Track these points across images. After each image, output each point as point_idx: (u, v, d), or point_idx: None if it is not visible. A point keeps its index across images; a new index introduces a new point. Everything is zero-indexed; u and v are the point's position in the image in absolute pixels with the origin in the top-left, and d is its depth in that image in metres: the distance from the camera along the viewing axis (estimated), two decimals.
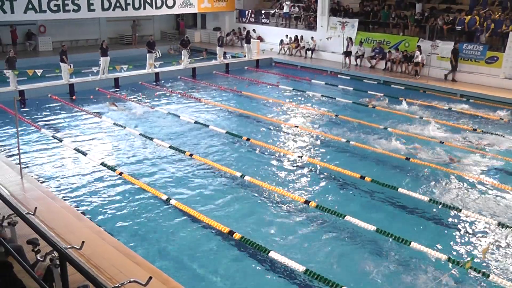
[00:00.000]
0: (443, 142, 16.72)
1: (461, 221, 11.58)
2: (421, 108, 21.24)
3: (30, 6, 27.60)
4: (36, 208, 8.84)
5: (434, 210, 12.02)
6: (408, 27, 28.79)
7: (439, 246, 10.37)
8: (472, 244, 10.65)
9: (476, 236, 11.00)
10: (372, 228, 10.76)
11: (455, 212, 11.87)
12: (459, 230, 11.25)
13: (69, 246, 7.27)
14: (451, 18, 26.96)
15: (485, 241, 10.73)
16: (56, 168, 14.12)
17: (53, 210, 10.57)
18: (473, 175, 14.10)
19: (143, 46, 29.80)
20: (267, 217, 11.54)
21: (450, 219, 11.66)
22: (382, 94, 23.09)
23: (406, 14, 29.32)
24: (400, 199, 12.49)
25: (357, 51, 29.33)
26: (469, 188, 13.34)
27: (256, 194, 12.71)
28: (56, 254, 6.62)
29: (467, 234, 11.06)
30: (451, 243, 10.69)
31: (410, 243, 10.20)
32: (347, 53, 29.17)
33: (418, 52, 26.25)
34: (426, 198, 12.32)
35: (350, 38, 29.37)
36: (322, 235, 10.83)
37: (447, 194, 12.91)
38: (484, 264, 9.85)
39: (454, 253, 10.26)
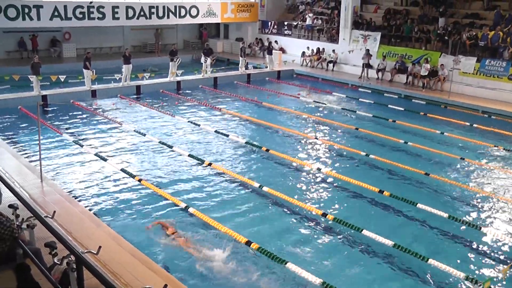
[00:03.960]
0: (464, 159, 16.52)
1: (481, 239, 11.39)
2: (441, 123, 21.04)
3: (56, 13, 28.05)
4: (54, 211, 8.90)
5: (453, 226, 11.83)
6: (431, 42, 28.61)
7: (457, 264, 10.19)
8: (492, 263, 10.46)
9: (496, 255, 10.80)
10: (390, 243, 10.63)
11: (475, 229, 11.68)
12: (478, 248, 11.06)
13: (86, 251, 7.29)
14: (474, 33, 26.73)
15: (506, 261, 10.54)
16: (76, 173, 14.23)
17: (72, 214, 10.63)
18: (493, 193, 13.89)
19: (166, 54, 30.05)
20: (285, 228, 11.48)
21: (469, 237, 11.46)
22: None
23: (429, 29, 29.13)
24: (418, 215, 12.33)
25: (378, 65, 29.21)
26: (489, 206, 13.14)
27: (274, 205, 12.67)
28: (73, 258, 6.64)
29: (486, 253, 10.87)
30: (470, 261, 10.51)
31: (428, 260, 10.05)
32: (366, 66, 29.07)
33: (428, 66, 26.34)
34: (445, 215, 12.14)
35: (368, 50, 29.23)
36: (339, 248, 10.75)
37: (467, 211, 12.73)
38: (504, 284, 9.66)
39: (473, 271, 10.08)
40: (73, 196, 12.25)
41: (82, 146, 16.41)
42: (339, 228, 11.51)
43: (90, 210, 11.61)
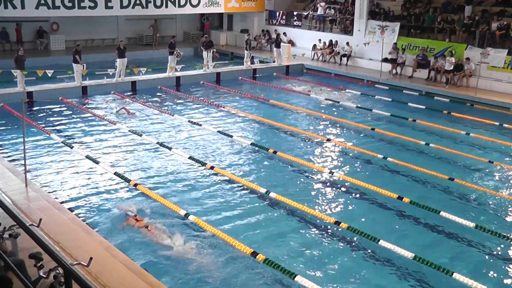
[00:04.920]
0: (492, 162, 16.44)
1: (509, 251, 11.32)
2: (467, 123, 20.96)
3: (42, 1, 27.93)
4: (40, 219, 8.87)
5: (481, 237, 11.75)
6: (456, 33, 28.50)
7: (483, 278, 10.13)
8: None
9: None
10: (410, 255, 10.55)
11: (505, 240, 11.61)
12: (506, 260, 10.99)
13: (75, 262, 7.26)
14: (505, 22, 26.57)
15: None
16: (64, 176, 14.24)
17: (60, 223, 10.62)
18: None
19: (164, 47, 30.08)
20: (294, 238, 11.44)
21: (496, 248, 11.40)
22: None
23: (454, 18, 29.02)
24: (441, 224, 12.25)
25: (397, 59, 29.13)
26: None
27: (282, 212, 12.63)
28: (61, 270, 6.62)
29: None
30: (496, 274, 10.44)
31: (452, 274, 9.98)
32: (393, 61, 28.96)
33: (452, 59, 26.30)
34: (472, 224, 12.05)
35: (395, 44, 29.03)
36: (354, 260, 10.70)
37: (497, 221, 12.64)
38: None
39: (499, 286, 10.01)
40: (61, 202, 12.23)
41: (71, 147, 16.42)
42: (353, 237, 11.46)
43: (80, 217, 11.59)
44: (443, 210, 12.59)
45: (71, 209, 12.01)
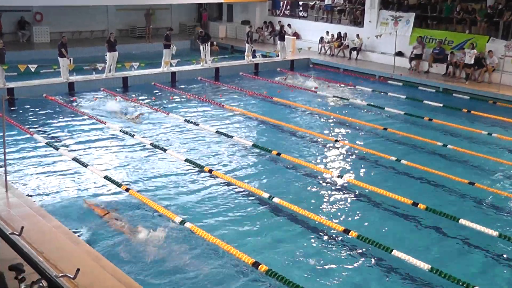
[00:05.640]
0: None
1: None
2: (489, 122, 20.93)
3: None
4: (22, 227, 8.87)
5: (503, 247, 11.72)
6: (477, 23, 28.44)
7: None
8: None
9: None
10: (426, 266, 10.52)
11: None
12: None
13: (61, 274, 7.26)
14: None
15: None
16: (49, 181, 14.22)
17: (43, 231, 10.60)
18: None
19: (158, 40, 30.08)
20: (298, 247, 11.41)
21: None
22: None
23: (475, 8, 28.95)
24: (461, 232, 12.21)
25: (412, 52, 29.10)
26: None
27: (286, 219, 12.61)
28: (44, 283, 6.60)
29: None
30: None
31: None
32: (418, 57, 28.83)
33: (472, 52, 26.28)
34: (494, 233, 12.00)
35: (421, 38, 28.83)
36: (364, 271, 10.66)
37: None
38: None
39: None
40: (45, 209, 12.20)
41: (57, 149, 16.40)
42: (363, 247, 11.42)
43: (66, 225, 11.55)
44: (463, 217, 12.54)
45: (56, 216, 11.97)
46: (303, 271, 10.57)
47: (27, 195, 12.79)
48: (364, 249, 11.38)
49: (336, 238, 11.85)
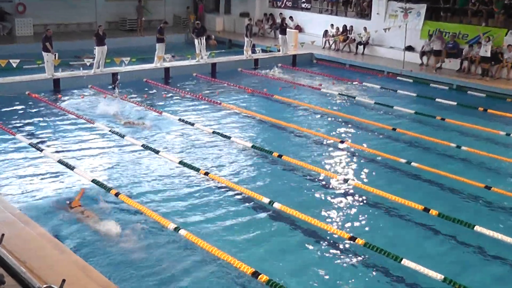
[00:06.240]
0: None
1: None
2: (507, 122, 20.95)
3: None
4: (3, 235, 8.82)
5: None
6: (494, 15, 28.44)
7: None
8: None
9: None
10: (439, 276, 10.51)
11: None
12: None
13: (45, 286, 7.21)
14: None
15: None
16: (32, 185, 14.20)
17: (26, 239, 10.57)
18: None
19: (150, 34, 30.07)
20: (301, 256, 11.42)
21: None
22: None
23: None
24: (476, 240, 12.21)
25: (423, 47, 29.11)
26: None
27: (287, 226, 12.60)
28: None
29: None
30: None
31: None
32: (436, 54, 28.73)
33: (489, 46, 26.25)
34: None
35: (440, 32, 28.75)
36: (371, 282, 10.66)
37: None
38: None
39: None
40: (28, 215, 12.17)
41: (41, 150, 16.38)
42: (371, 255, 11.41)
43: (51, 232, 11.54)
44: (478, 224, 12.53)
45: (40, 223, 11.95)
46: (306, 281, 10.57)
47: (9, 200, 12.79)
48: (371, 258, 11.36)
49: (341, 246, 11.83)
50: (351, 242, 11.81)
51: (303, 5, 36.65)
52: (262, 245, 11.81)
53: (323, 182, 15.17)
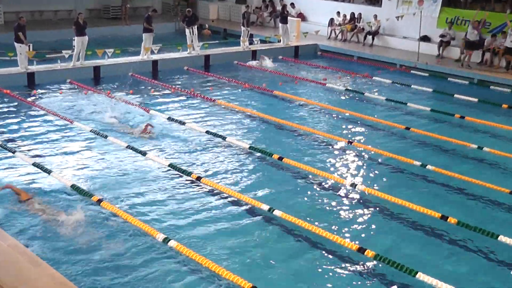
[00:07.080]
0: None
1: None
2: None
3: None
4: None
5: None
6: None
7: None
8: None
9: None
10: None
11: None
12: None
13: None
14: None
15: None
16: (4, 191, 14.17)
17: None
18: None
19: (136, 22, 30.06)
20: (305, 269, 11.41)
21: None
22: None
23: None
24: (500, 252, 12.21)
25: (441, 36, 29.10)
26: None
27: (289, 236, 12.59)
28: None
29: None
30: None
31: None
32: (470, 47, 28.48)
33: None
34: None
35: (478, 23, 28.44)
36: None
37: None
38: None
39: None
40: (0, 225, 12.20)
41: (13, 152, 16.39)
42: (381, 269, 11.40)
43: (25, 245, 11.53)
44: (503, 234, 12.53)
45: (11, 233, 11.95)
46: None
47: None
48: (382, 271, 11.36)
49: (349, 259, 11.82)
50: (360, 253, 11.73)
51: None
52: (261, 257, 11.72)
53: (329, 187, 15.14)
